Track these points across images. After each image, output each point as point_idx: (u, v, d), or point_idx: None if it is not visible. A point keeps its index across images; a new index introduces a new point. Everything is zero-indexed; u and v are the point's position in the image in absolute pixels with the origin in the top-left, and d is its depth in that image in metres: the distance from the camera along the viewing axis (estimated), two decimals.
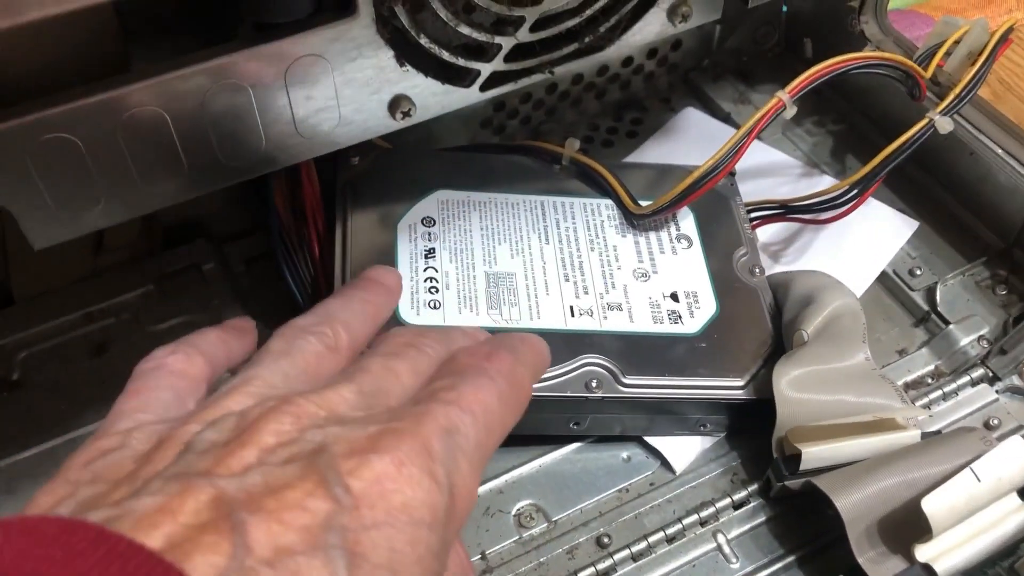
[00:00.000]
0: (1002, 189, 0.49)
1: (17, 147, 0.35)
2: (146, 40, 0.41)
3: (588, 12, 0.44)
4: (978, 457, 0.36)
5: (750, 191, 0.51)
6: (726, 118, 0.57)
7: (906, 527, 0.36)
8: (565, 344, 0.41)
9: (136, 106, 0.37)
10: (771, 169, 0.54)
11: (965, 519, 0.36)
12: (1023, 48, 0.68)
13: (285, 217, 0.45)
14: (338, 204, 0.45)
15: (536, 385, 0.39)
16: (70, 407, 0.44)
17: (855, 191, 0.46)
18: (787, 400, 0.40)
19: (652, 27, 0.46)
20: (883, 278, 0.50)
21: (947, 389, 0.45)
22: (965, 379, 0.45)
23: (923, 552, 0.36)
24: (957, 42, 0.50)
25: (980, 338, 0.46)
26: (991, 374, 0.45)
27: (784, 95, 0.45)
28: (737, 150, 0.44)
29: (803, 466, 0.39)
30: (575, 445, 0.44)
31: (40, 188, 0.37)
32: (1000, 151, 0.48)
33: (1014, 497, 0.37)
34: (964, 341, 0.46)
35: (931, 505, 0.35)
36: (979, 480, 0.36)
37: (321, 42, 0.38)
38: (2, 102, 0.36)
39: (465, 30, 0.42)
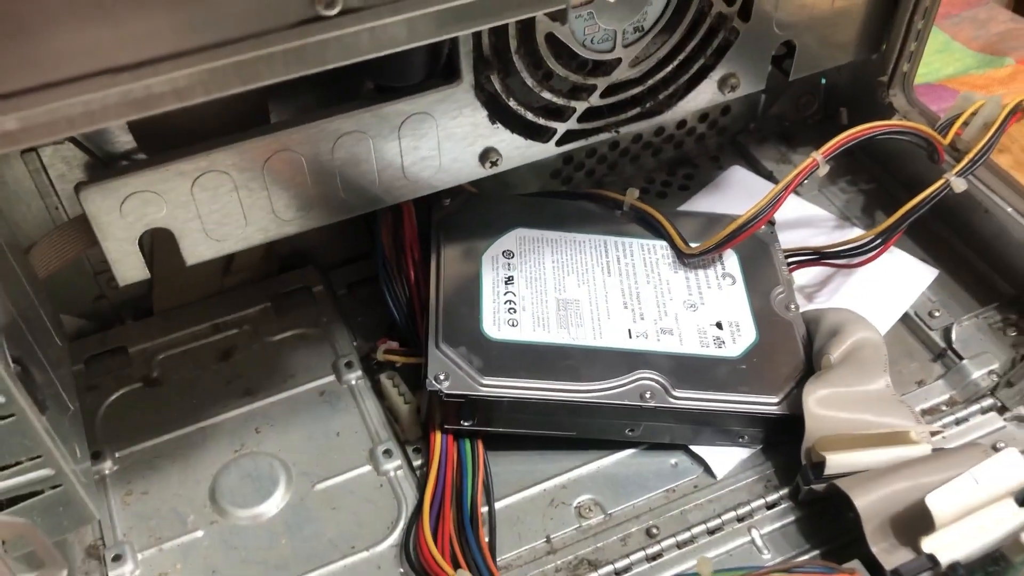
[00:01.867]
0: (1014, 243, 0.55)
1: (185, 180, 0.44)
2: (282, 96, 0.50)
3: (650, 82, 0.52)
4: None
5: (789, 239, 0.58)
6: (769, 176, 0.64)
7: (914, 523, 0.42)
8: (623, 361, 0.48)
9: (280, 149, 0.45)
10: (808, 221, 0.61)
11: (965, 517, 0.42)
12: None
13: (388, 248, 0.53)
14: (432, 238, 0.53)
15: (597, 394, 0.47)
16: (200, 402, 0.52)
17: (879, 240, 0.53)
18: (814, 415, 0.47)
19: (704, 95, 0.54)
20: (905, 319, 0.56)
21: (959, 415, 0.51)
22: (976, 407, 0.51)
23: (928, 544, 0.42)
24: (974, 114, 0.56)
25: (991, 372, 0.52)
26: (1000, 404, 0.51)
27: (818, 155, 0.52)
28: (776, 202, 0.51)
29: (827, 471, 0.45)
30: (630, 451, 0.50)
31: (198, 213, 0.45)
32: (1011, 210, 0.55)
33: (1010, 502, 0.43)
34: (976, 374, 0.52)
35: (934, 501, 0.41)
36: (977, 483, 0.42)
37: (430, 103, 0.47)
38: (173, 144, 0.45)
39: (546, 95, 0.50)
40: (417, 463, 0.49)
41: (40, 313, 0.42)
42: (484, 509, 0.47)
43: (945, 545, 0.42)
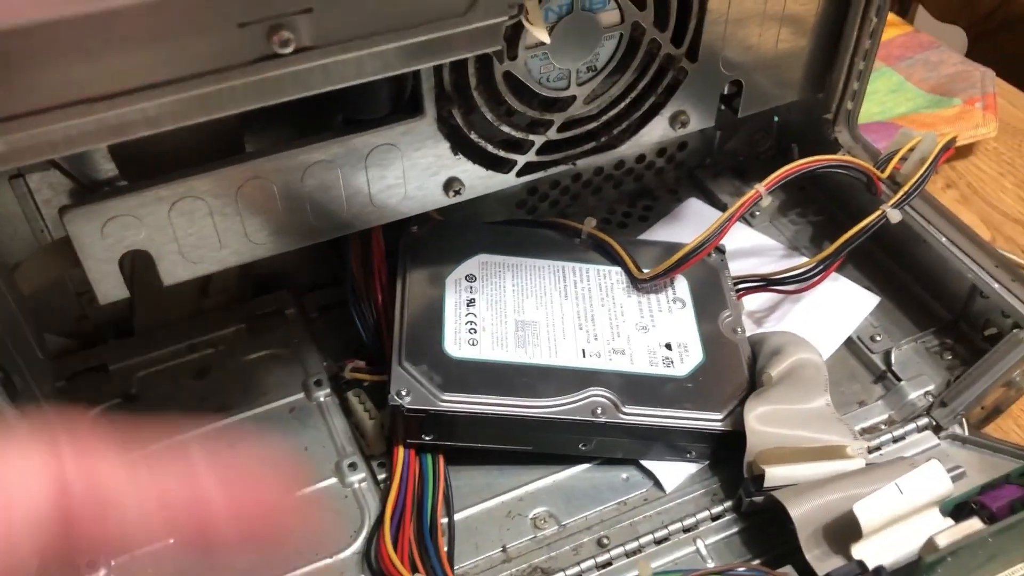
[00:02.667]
0: (950, 272, 0.58)
1: (162, 205, 0.47)
2: (255, 127, 0.53)
3: (604, 118, 0.56)
4: None
5: (740, 267, 0.61)
6: (723, 207, 0.68)
7: (845, 531, 0.45)
8: (576, 378, 0.51)
9: (252, 177, 0.48)
10: (758, 250, 0.64)
11: (891, 525, 0.44)
12: (989, 159, 0.79)
13: (356, 271, 0.56)
14: (399, 262, 0.56)
15: (551, 410, 0.50)
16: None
17: (821, 267, 0.56)
18: (755, 431, 0.49)
19: (656, 131, 0.58)
20: (849, 343, 0.59)
21: (896, 434, 0.53)
22: (912, 426, 0.54)
23: (857, 550, 0.44)
24: (912, 150, 0.60)
25: (927, 393, 0.55)
26: (935, 423, 0.54)
27: (761, 187, 0.55)
28: (721, 231, 0.55)
29: (766, 483, 0.48)
30: (584, 465, 0.53)
31: (175, 236, 0.48)
32: (946, 240, 0.58)
33: (935, 512, 0.46)
34: (913, 395, 0.55)
35: (861, 510, 0.44)
36: (902, 493, 0.44)
37: (395, 135, 0.50)
38: (153, 171, 0.48)
39: (506, 129, 0.53)
40: (381, 476, 0.52)
41: (24, 329, 0.44)
42: (444, 520, 0.50)
43: (872, 551, 0.44)
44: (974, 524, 0.42)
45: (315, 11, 0.28)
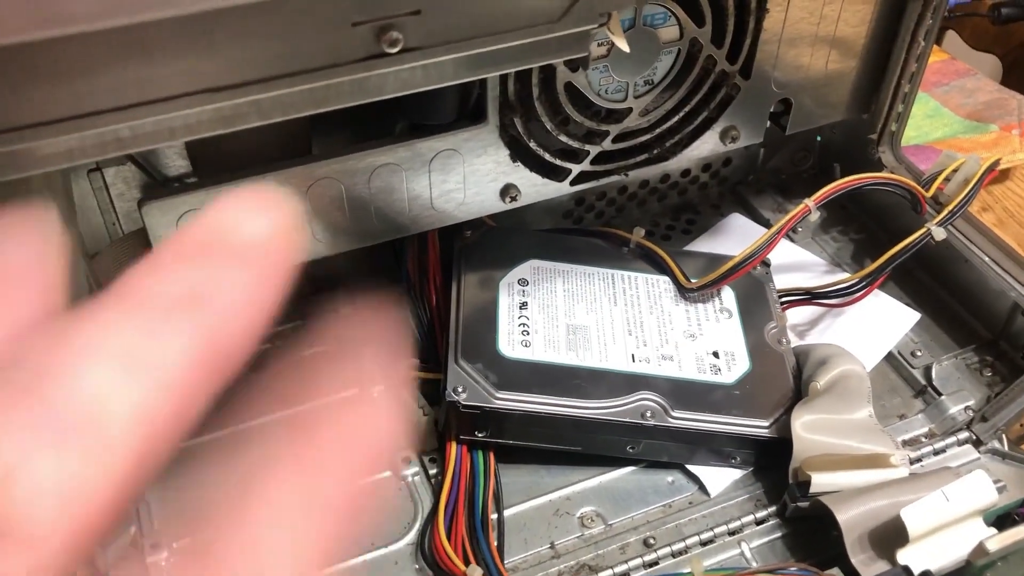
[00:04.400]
0: (991, 291, 0.60)
1: None
2: (321, 130, 0.55)
3: (657, 131, 0.58)
4: None
5: (783, 281, 0.62)
6: (765, 223, 0.69)
7: (891, 537, 0.46)
8: (626, 382, 0.52)
9: (322, 177, 0.50)
10: (802, 265, 0.66)
11: (936, 532, 0.46)
12: None
13: (412, 272, 0.58)
14: (454, 265, 0.57)
15: (602, 411, 0.51)
16: (236, 408, 0.56)
17: (865, 282, 0.58)
18: (801, 438, 0.51)
19: (707, 145, 0.59)
20: (889, 357, 0.60)
21: (937, 446, 0.54)
22: (952, 440, 0.55)
23: (903, 556, 0.45)
24: (955, 171, 0.61)
25: (967, 408, 0.56)
26: (975, 437, 0.55)
27: (810, 202, 0.57)
28: (769, 243, 0.56)
29: (812, 489, 0.49)
30: (630, 468, 0.54)
31: None
32: (988, 260, 0.59)
33: (979, 521, 0.47)
34: (953, 409, 0.56)
35: (908, 515, 0.45)
36: (948, 500, 0.45)
37: (459, 140, 0.52)
38: (223, 169, 0.50)
39: (563, 138, 0.55)
40: (432, 471, 0.53)
41: None
42: (494, 516, 0.51)
43: (918, 557, 0.45)
44: (1022, 531, 0.43)
45: (423, 13, 0.30)
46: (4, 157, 0.27)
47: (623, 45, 0.36)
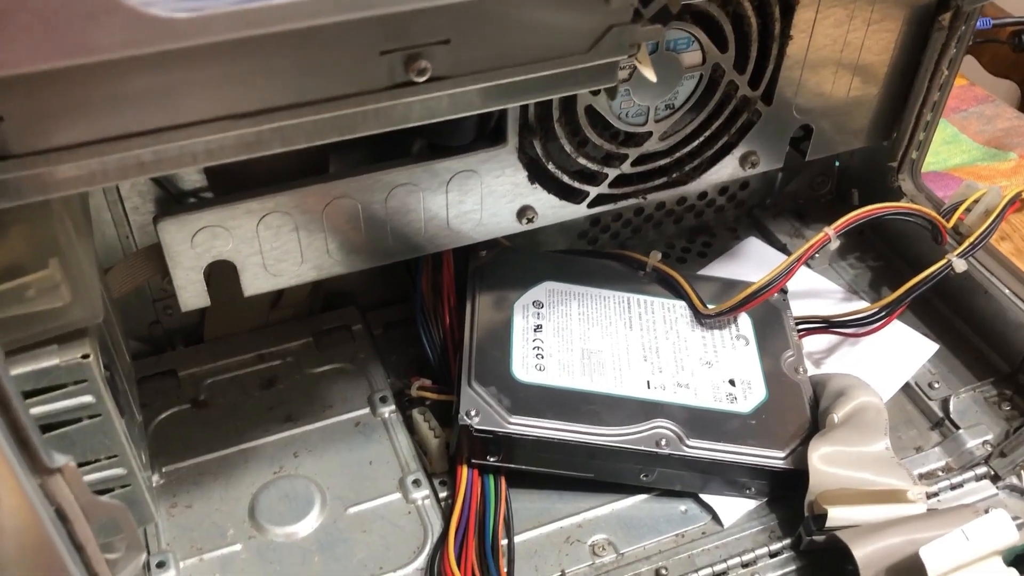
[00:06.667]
0: (1011, 324, 0.59)
1: (252, 218, 0.48)
2: (341, 149, 0.54)
3: (677, 155, 0.57)
4: None
5: (800, 308, 0.61)
6: (782, 248, 0.69)
7: (909, 574, 0.45)
8: (641, 409, 0.52)
9: (339, 196, 0.50)
10: (819, 292, 0.65)
11: (955, 571, 0.45)
12: None
13: (426, 292, 0.57)
14: (468, 286, 0.57)
15: (617, 439, 0.50)
16: (243, 425, 0.55)
17: (884, 312, 0.57)
18: (818, 470, 0.50)
19: (727, 170, 0.59)
20: (907, 388, 0.59)
21: (954, 481, 0.54)
22: (970, 474, 0.54)
23: None
24: (976, 201, 0.61)
25: (985, 442, 0.55)
26: (993, 473, 0.54)
27: (830, 230, 0.56)
28: (788, 271, 0.56)
29: (829, 523, 0.48)
30: (643, 496, 0.53)
31: (260, 249, 0.50)
32: (1009, 292, 0.59)
33: (998, 560, 0.46)
34: (971, 443, 0.55)
35: (928, 554, 0.44)
36: (968, 539, 0.45)
37: (477, 162, 0.51)
38: (239, 186, 0.49)
39: (582, 161, 0.55)
40: (443, 495, 0.53)
41: (116, 329, 0.46)
42: (504, 542, 0.50)
43: None
44: None
45: (452, 42, 0.30)
46: (27, 180, 0.27)
47: (650, 75, 0.35)
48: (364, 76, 0.30)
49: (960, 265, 0.57)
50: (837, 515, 0.48)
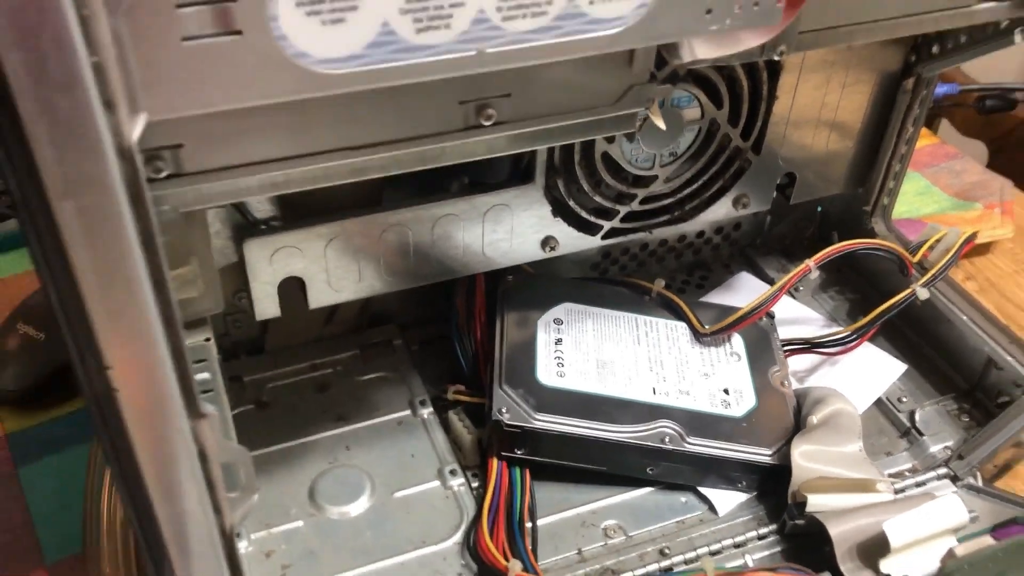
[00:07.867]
0: (968, 348, 0.68)
1: (321, 240, 0.57)
2: (392, 183, 0.63)
3: (679, 195, 0.66)
4: None
5: (786, 332, 0.70)
6: (771, 282, 0.77)
7: (876, 549, 0.53)
8: (648, 411, 0.60)
9: (394, 224, 0.59)
10: (802, 320, 0.74)
11: (915, 545, 0.53)
12: (1006, 257, 0.88)
13: (460, 310, 0.66)
14: (498, 305, 0.65)
15: (626, 435, 0.59)
16: (301, 424, 0.63)
17: (856, 335, 0.66)
18: (799, 465, 0.58)
19: (721, 210, 0.68)
20: (879, 403, 0.68)
21: (919, 479, 0.62)
22: (932, 475, 0.62)
23: (885, 565, 0.52)
24: (939, 241, 0.70)
25: (946, 447, 0.64)
26: (953, 473, 0.62)
27: (811, 261, 0.65)
28: (774, 296, 0.64)
29: (808, 508, 0.56)
30: (649, 488, 0.61)
31: (326, 268, 0.58)
32: (966, 318, 0.67)
33: (953, 540, 0.54)
34: (933, 448, 0.64)
35: (890, 528, 0.52)
36: (925, 517, 0.53)
37: (510, 197, 0.60)
38: (304, 215, 0.58)
39: (598, 199, 0.64)
40: (475, 485, 0.61)
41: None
42: (528, 525, 0.58)
43: (898, 566, 0.53)
44: (986, 540, 0.50)
45: (513, 96, 0.39)
46: (192, 193, 0.36)
47: (660, 123, 0.45)
48: (446, 119, 0.39)
49: (923, 294, 0.66)
50: (816, 502, 0.56)
